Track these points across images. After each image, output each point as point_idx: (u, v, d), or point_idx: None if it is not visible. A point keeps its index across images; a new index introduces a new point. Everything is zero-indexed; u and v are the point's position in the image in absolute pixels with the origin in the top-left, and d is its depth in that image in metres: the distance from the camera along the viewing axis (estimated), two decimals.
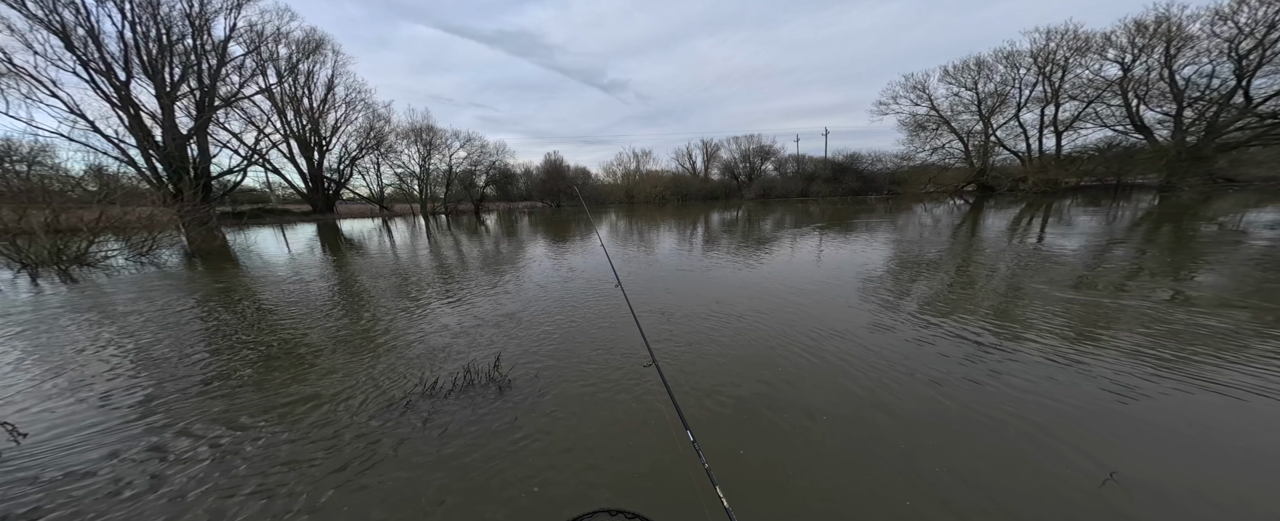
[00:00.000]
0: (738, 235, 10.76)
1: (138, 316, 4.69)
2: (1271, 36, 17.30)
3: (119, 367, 3.22)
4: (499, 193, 36.56)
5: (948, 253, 6.92)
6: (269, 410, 2.49)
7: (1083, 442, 1.91)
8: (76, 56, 17.32)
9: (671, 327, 3.70)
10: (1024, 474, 1.73)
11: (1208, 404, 2.20)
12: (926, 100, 29.00)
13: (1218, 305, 3.69)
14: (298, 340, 3.76)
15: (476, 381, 2.67)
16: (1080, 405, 2.23)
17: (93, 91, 17.95)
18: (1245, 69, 18.30)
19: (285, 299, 5.44)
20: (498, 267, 7.26)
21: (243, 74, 22.41)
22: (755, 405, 2.36)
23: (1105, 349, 2.90)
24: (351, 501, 1.71)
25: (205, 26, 19.78)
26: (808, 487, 1.69)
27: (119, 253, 9.41)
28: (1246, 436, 1.92)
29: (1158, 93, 21.35)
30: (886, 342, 3.18)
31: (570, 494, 1.71)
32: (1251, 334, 3.03)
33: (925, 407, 2.26)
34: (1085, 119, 24.47)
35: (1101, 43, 22.15)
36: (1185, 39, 19.72)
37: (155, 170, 19.09)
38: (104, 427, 2.35)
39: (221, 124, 23.03)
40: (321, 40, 25.29)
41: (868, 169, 33.95)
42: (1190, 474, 1.69)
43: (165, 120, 19.42)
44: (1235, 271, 4.82)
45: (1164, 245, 6.70)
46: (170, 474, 1.93)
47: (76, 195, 11.31)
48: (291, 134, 26.89)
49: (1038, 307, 3.86)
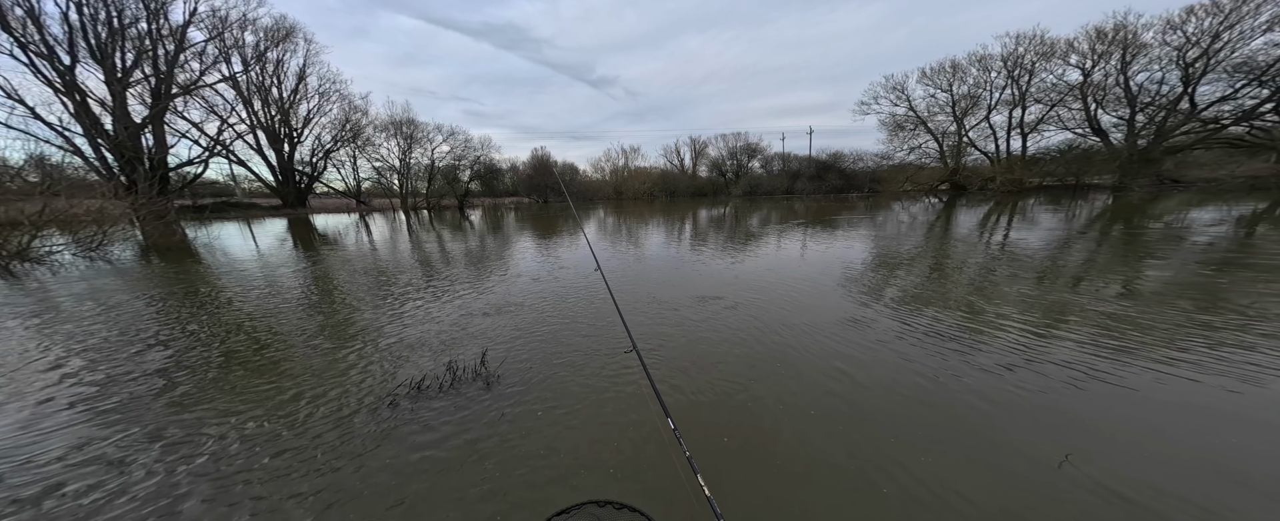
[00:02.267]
0: (726, 230, 10.88)
1: (88, 315, 4.39)
2: (1216, 46, 18.56)
3: (66, 368, 3.01)
4: (484, 188, 35.79)
5: (922, 250, 7.18)
6: (239, 412, 2.37)
7: (1042, 424, 2.02)
8: (13, 38, 15.96)
9: (661, 315, 3.71)
10: (988, 457, 1.81)
11: (1157, 388, 2.36)
12: (905, 101, 29.92)
13: (1162, 297, 3.96)
14: (268, 338, 3.59)
15: (463, 377, 2.62)
16: (1040, 389, 2.35)
17: (33, 75, 16.60)
18: (1191, 76, 19.58)
19: (252, 296, 5.19)
20: (484, 263, 7.11)
21: (204, 61, 21.11)
22: (739, 394, 2.40)
23: (1062, 337, 3.07)
24: (334, 501, 1.66)
25: (161, 10, 18.51)
26: (789, 473, 1.73)
27: (66, 248, 8.77)
28: (1185, 416, 2.08)
29: (1114, 97, 22.63)
30: (860, 331, 3.28)
31: (559, 486, 1.70)
32: (1190, 323, 3.27)
33: (902, 392, 2.35)
34: (1049, 121, 25.73)
35: (1065, 48, 23.29)
36: (1140, 46, 20.93)
37: (105, 160, 17.82)
38: (54, 433, 2.20)
39: (180, 113, 21.68)
40: (292, 28, 24.08)
41: (850, 167, 34.80)
42: (1138, 450, 1.82)
43: (116, 108, 18.12)
44: (1179, 266, 5.18)
45: (1116, 242, 7.14)
46: (126, 480, 1.82)
47: (16, 186, 10.45)
48: (259, 125, 25.56)
49: (1002, 300, 4.05)
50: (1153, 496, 1.54)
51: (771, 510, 1.53)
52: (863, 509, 1.53)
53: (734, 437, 1.99)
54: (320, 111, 27.42)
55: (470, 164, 32.88)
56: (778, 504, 1.56)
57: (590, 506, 1.01)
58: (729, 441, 1.97)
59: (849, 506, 1.55)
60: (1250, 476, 1.63)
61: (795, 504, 1.57)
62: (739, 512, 1.50)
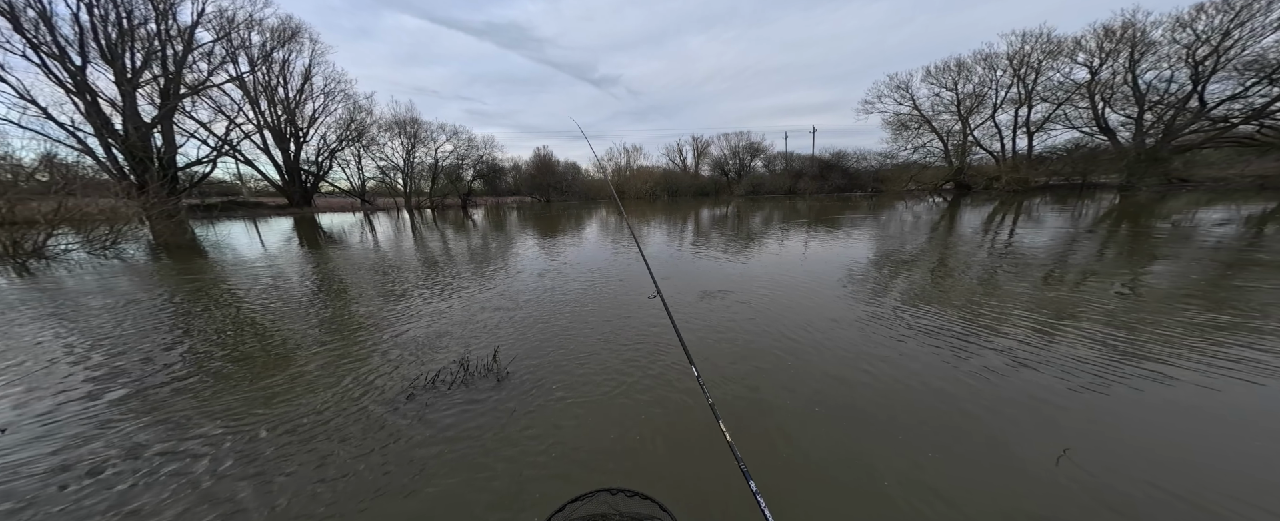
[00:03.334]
0: (728, 229, 10.90)
1: (103, 311, 4.49)
2: (1226, 44, 18.35)
3: (86, 361, 3.09)
4: (487, 187, 35.93)
5: (926, 249, 7.18)
6: (254, 404, 2.44)
7: (1041, 420, 2.05)
8: (26, 39, 16.19)
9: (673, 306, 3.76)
10: (986, 451, 1.85)
11: (1157, 389, 2.38)
12: (909, 100, 29.75)
13: (1168, 298, 3.96)
14: (281, 334, 3.67)
15: (475, 373, 2.67)
16: (1041, 386, 2.38)
17: (45, 76, 16.84)
18: (1201, 74, 19.36)
19: (262, 293, 5.28)
20: (488, 260, 7.18)
21: (211, 61, 21.33)
22: (744, 390, 2.44)
23: (1065, 337, 3.09)
24: (348, 493, 1.71)
25: (170, 11, 18.72)
26: (791, 467, 1.77)
27: (80, 246, 8.92)
28: (1189, 418, 2.10)
29: (1121, 96, 22.41)
30: (862, 330, 3.31)
31: (571, 474, 1.75)
32: (1198, 324, 3.28)
33: (903, 390, 2.38)
34: (1055, 120, 25.51)
35: (1072, 46, 23.09)
36: (1148, 44, 20.72)
37: (116, 160, 18.05)
38: (73, 424, 2.27)
39: (188, 113, 21.92)
40: (298, 28, 24.30)
41: (853, 166, 34.66)
42: (1138, 450, 1.84)
43: (126, 108, 18.35)
44: (1186, 267, 5.17)
45: (1123, 242, 7.10)
46: (148, 471, 1.89)
47: (30, 185, 10.63)
48: (265, 124, 25.80)
49: (1005, 299, 4.07)
50: (1151, 494, 1.57)
51: (772, 507, 1.57)
52: (864, 506, 1.57)
53: (738, 429, 2.04)
54: (325, 111, 27.66)
55: (473, 163, 33.02)
56: (779, 499, 1.60)
57: (603, 494, 1.05)
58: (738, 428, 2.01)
59: (849, 503, 1.58)
60: (1256, 479, 1.66)
61: (796, 500, 1.61)
62: (743, 506, 1.54)
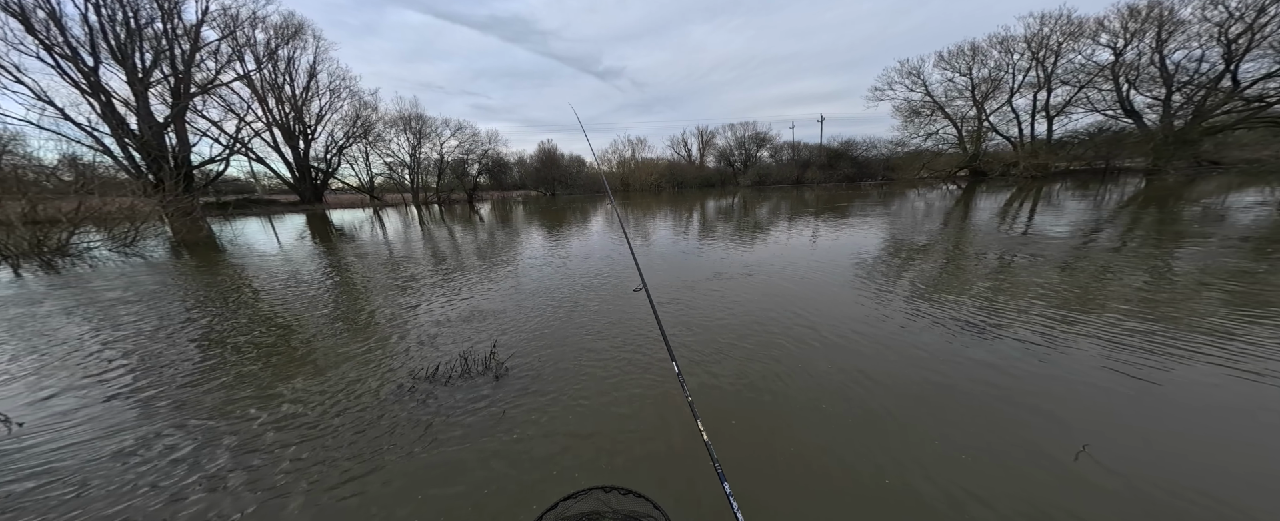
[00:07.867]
0: (733, 222, 10.78)
1: (125, 307, 4.62)
2: (1261, 21, 17.36)
3: (109, 358, 3.19)
4: (492, 181, 36.04)
5: (939, 237, 7.01)
6: (269, 400, 2.49)
7: (1058, 417, 1.99)
8: (39, 40, 16.49)
9: (675, 297, 3.73)
10: (1002, 444, 1.80)
11: (1182, 381, 2.29)
12: (921, 86, 28.85)
13: (1198, 285, 3.81)
14: (296, 330, 3.73)
15: (474, 368, 2.69)
16: (1058, 380, 2.31)
17: (60, 77, 17.19)
18: (1234, 53, 18.40)
19: (279, 288, 5.38)
20: (494, 254, 7.22)
21: (218, 60, 21.56)
22: (747, 384, 2.41)
23: (1085, 328, 2.99)
24: (352, 492, 1.74)
25: (175, 10, 18.89)
26: (796, 462, 1.75)
27: (102, 244, 9.18)
28: (1215, 410, 2.01)
29: (1148, 77, 21.44)
30: (871, 324, 3.24)
31: (568, 472, 1.75)
32: (1227, 313, 3.14)
33: (914, 384, 2.33)
34: (1076, 104, 24.55)
35: (1094, 27, 22.08)
36: (1176, 23, 19.71)
37: (133, 159, 18.47)
38: (101, 419, 2.34)
39: (199, 111, 22.28)
40: (301, 25, 24.31)
41: (862, 155, 33.96)
42: (1157, 446, 1.78)
43: (140, 107, 18.69)
44: (1215, 252, 4.96)
45: (1148, 227, 6.85)
46: (166, 457, 1.94)
47: (52, 185, 10.94)
48: (274, 122, 26.07)
49: (1024, 289, 3.95)
50: (1172, 492, 1.51)
51: (774, 504, 1.55)
52: (864, 506, 1.54)
53: (742, 422, 2.01)
54: (331, 108, 27.81)
55: (478, 158, 33.07)
56: (782, 492, 1.58)
57: (597, 491, 1.04)
58: (737, 424, 1.99)
59: (849, 504, 1.56)
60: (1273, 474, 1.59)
61: (797, 495, 1.58)
62: (745, 504, 1.52)
